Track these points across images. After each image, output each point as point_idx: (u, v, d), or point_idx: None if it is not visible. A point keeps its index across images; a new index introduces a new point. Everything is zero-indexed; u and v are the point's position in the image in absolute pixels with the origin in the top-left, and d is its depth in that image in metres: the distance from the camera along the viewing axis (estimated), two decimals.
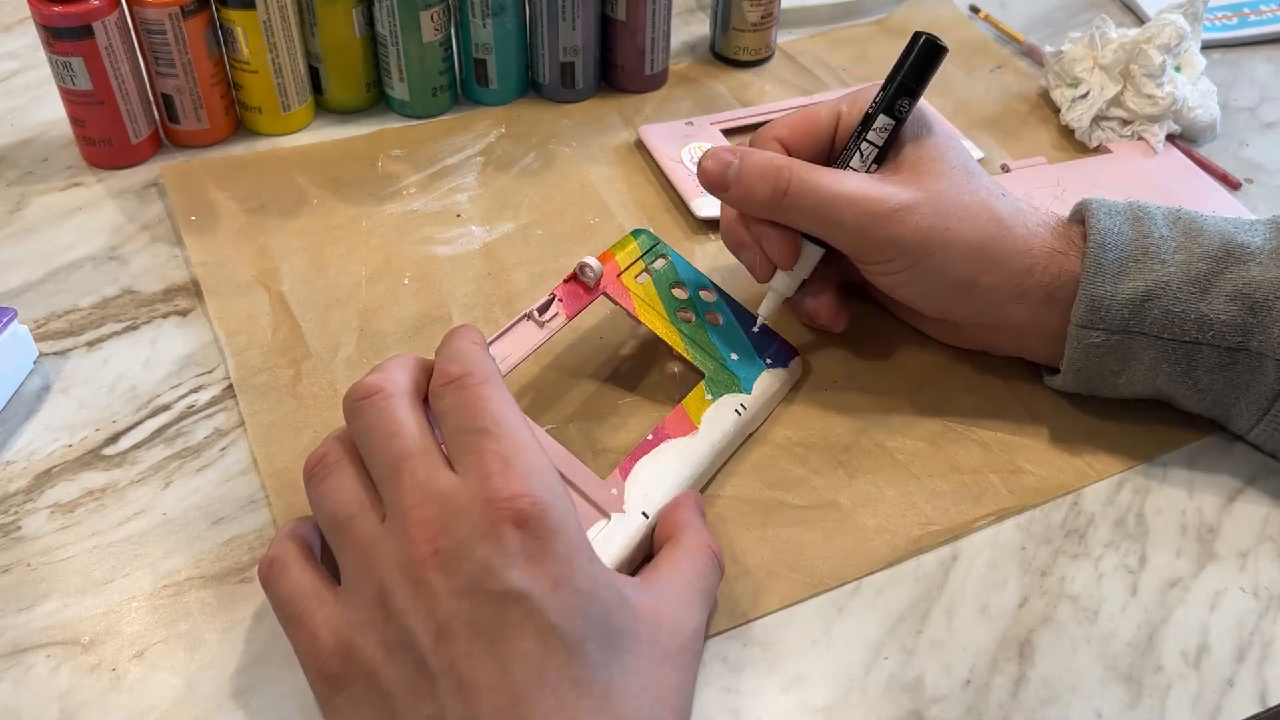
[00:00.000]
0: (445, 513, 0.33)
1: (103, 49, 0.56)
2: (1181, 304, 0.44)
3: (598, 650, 0.32)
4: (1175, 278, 0.44)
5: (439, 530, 0.33)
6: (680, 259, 0.51)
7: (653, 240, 0.51)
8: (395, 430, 0.35)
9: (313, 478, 0.37)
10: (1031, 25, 0.75)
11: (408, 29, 0.61)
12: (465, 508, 0.33)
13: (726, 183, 0.46)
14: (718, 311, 0.50)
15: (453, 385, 0.36)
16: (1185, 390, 0.45)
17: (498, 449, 0.34)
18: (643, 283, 0.49)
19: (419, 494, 0.34)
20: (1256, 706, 0.39)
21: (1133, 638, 0.41)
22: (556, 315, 0.46)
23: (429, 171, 0.61)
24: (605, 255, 0.49)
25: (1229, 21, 0.76)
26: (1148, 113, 0.63)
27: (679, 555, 0.39)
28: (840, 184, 0.44)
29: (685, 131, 0.63)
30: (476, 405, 0.35)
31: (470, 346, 0.38)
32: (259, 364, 0.50)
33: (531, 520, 0.33)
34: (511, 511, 0.33)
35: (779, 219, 0.46)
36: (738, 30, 0.69)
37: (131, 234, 0.57)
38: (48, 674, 0.39)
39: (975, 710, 0.39)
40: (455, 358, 0.37)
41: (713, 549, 0.40)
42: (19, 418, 0.48)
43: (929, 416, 0.49)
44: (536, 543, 0.32)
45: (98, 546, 0.43)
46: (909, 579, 0.43)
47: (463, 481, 0.34)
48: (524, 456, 0.34)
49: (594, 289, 0.48)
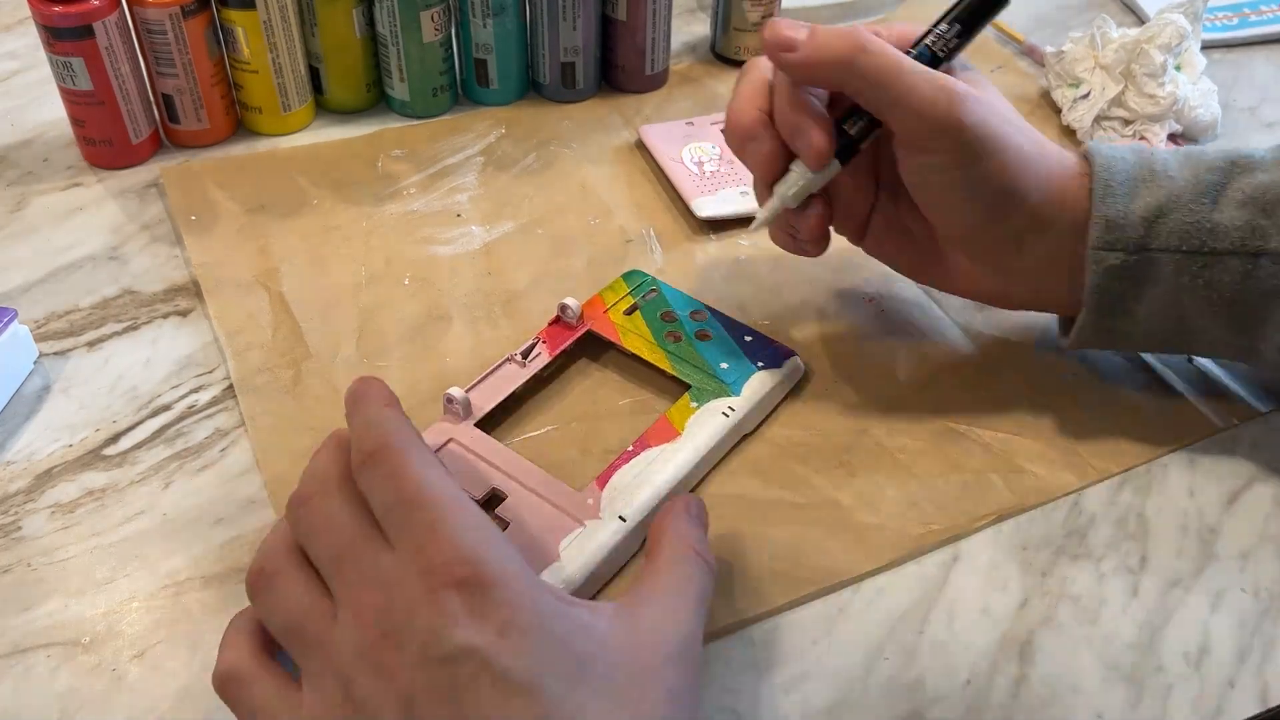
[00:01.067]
0: (388, 593, 0.33)
1: (103, 49, 0.56)
2: (1195, 214, 0.43)
3: (558, 684, 0.32)
4: (1185, 191, 0.44)
5: (384, 611, 0.33)
6: (670, 289, 0.52)
7: (643, 277, 0.52)
8: (330, 525, 0.35)
9: (257, 592, 0.36)
10: (1031, 25, 0.75)
11: (408, 29, 0.61)
12: (403, 583, 0.33)
13: (795, 41, 0.42)
14: (708, 328, 0.50)
15: (370, 461, 0.36)
16: (1209, 311, 0.44)
17: (424, 517, 0.34)
18: (631, 316, 0.50)
19: (362, 581, 0.34)
20: (1257, 707, 0.39)
21: (1134, 638, 0.41)
22: (539, 355, 0.48)
23: (429, 171, 0.61)
24: (595, 298, 0.51)
25: (1229, 21, 0.75)
26: (1149, 112, 0.63)
27: (659, 565, 0.38)
28: (912, 62, 0.43)
29: (686, 131, 0.63)
30: (398, 477, 0.35)
31: (379, 412, 0.38)
32: (259, 364, 0.50)
33: (468, 579, 0.32)
34: (447, 577, 0.32)
35: (841, 84, 0.43)
36: (738, 30, 0.69)
37: (132, 234, 0.57)
38: (48, 674, 0.39)
39: (976, 710, 0.39)
40: (367, 429, 0.37)
41: (696, 550, 0.38)
42: (19, 418, 0.48)
43: (930, 416, 0.49)
44: (476, 597, 0.32)
45: (98, 547, 0.43)
46: (910, 579, 0.43)
47: (397, 558, 0.34)
48: (451, 519, 0.34)
49: (576, 326, 0.49)
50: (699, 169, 0.61)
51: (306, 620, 0.34)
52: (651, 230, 0.58)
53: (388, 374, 0.50)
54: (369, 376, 0.40)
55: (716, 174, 0.60)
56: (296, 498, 0.37)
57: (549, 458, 0.46)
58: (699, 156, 0.61)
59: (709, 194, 0.59)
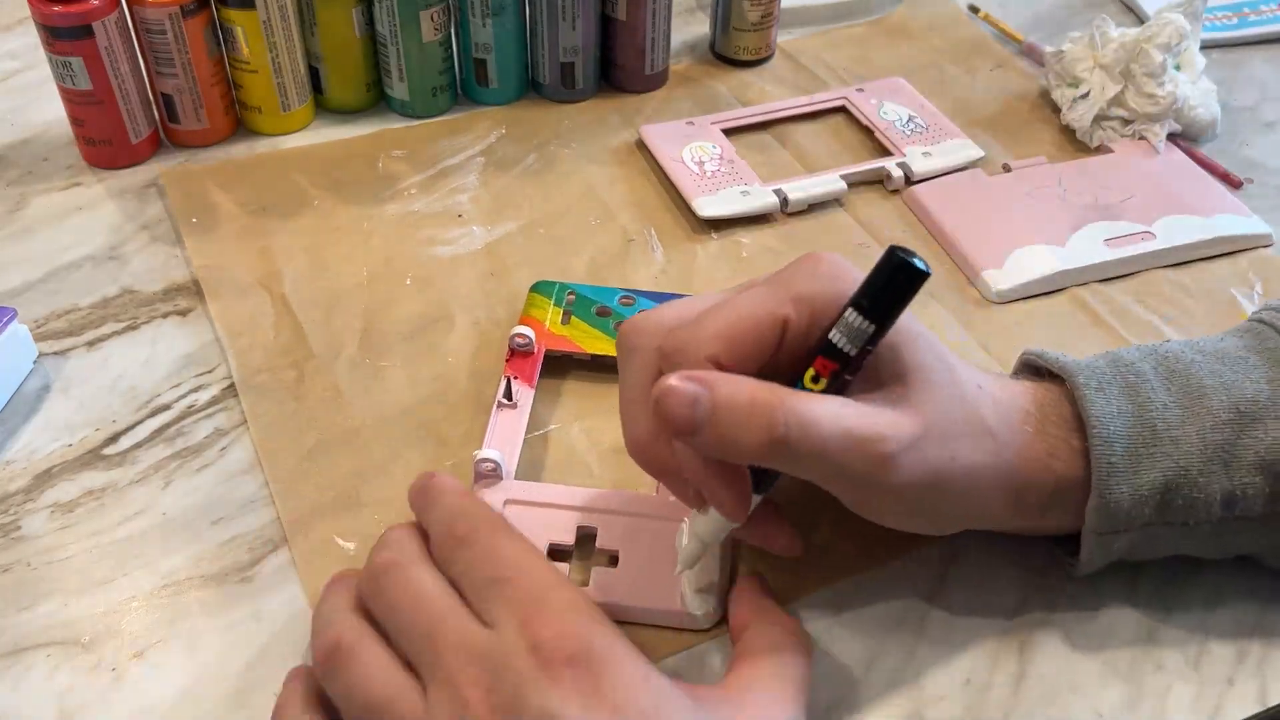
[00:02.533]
0: (492, 667, 0.32)
1: (103, 49, 0.56)
2: (1205, 487, 0.39)
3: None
4: (1193, 459, 0.39)
5: (490, 686, 0.32)
6: (585, 286, 0.52)
7: (552, 285, 0.53)
8: (421, 594, 0.34)
9: (333, 667, 0.34)
10: (1031, 25, 0.75)
11: (408, 29, 0.61)
12: (509, 657, 0.32)
13: (695, 424, 0.34)
14: (645, 308, 0.50)
15: (462, 544, 0.35)
16: (1215, 554, 0.42)
17: (526, 594, 0.33)
18: (570, 324, 0.50)
19: (462, 655, 0.32)
20: (1256, 706, 0.39)
21: (1133, 637, 0.41)
22: (521, 390, 0.47)
23: (430, 172, 0.61)
24: (526, 319, 0.51)
25: (1229, 21, 0.75)
26: (1149, 112, 0.63)
27: (755, 648, 0.37)
28: (837, 419, 0.34)
29: (686, 131, 0.63)
30: (493, 557, 0.34)
31: (462, 501, 0.37)
32: (261, 365, 0.50)
33: (579, 655, 0.32)
34: (558, 652, 0.32)
35: (762, 465, 0.37)
36: (738, 30, 0.69)
37: (131, 234, 0.57)
38: (48, 674, 0.39)
39: (975, 710, 0.39)
40: (455, 516, 0.36)
41: (788, 628, 0.38)
42: (19, 417, 0.48)
43: None
44: (589, 676, 0.32)
45: (98, 546, 0.43)
46: (910, 578, 0.43)
47: (499, 634, 0.33)
48: (554, 595, 0.33)
49: (535, 352, 0.49)
50: (700, 168, 0.61)
51: (397, 699, 0.33)
52: (652, 230, 0.58)
53: (390, 374, 0.50)
54: (435, 472, 0.38)
55: (717, 173, 0.60)
56: (376, 566, 0.35)
57: (552, 459, 0.46)
58: (700, 156, 0.61)
59: (710, 193, 0.59)
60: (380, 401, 0.48)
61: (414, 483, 0.38)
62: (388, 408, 0.48)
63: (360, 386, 0.49)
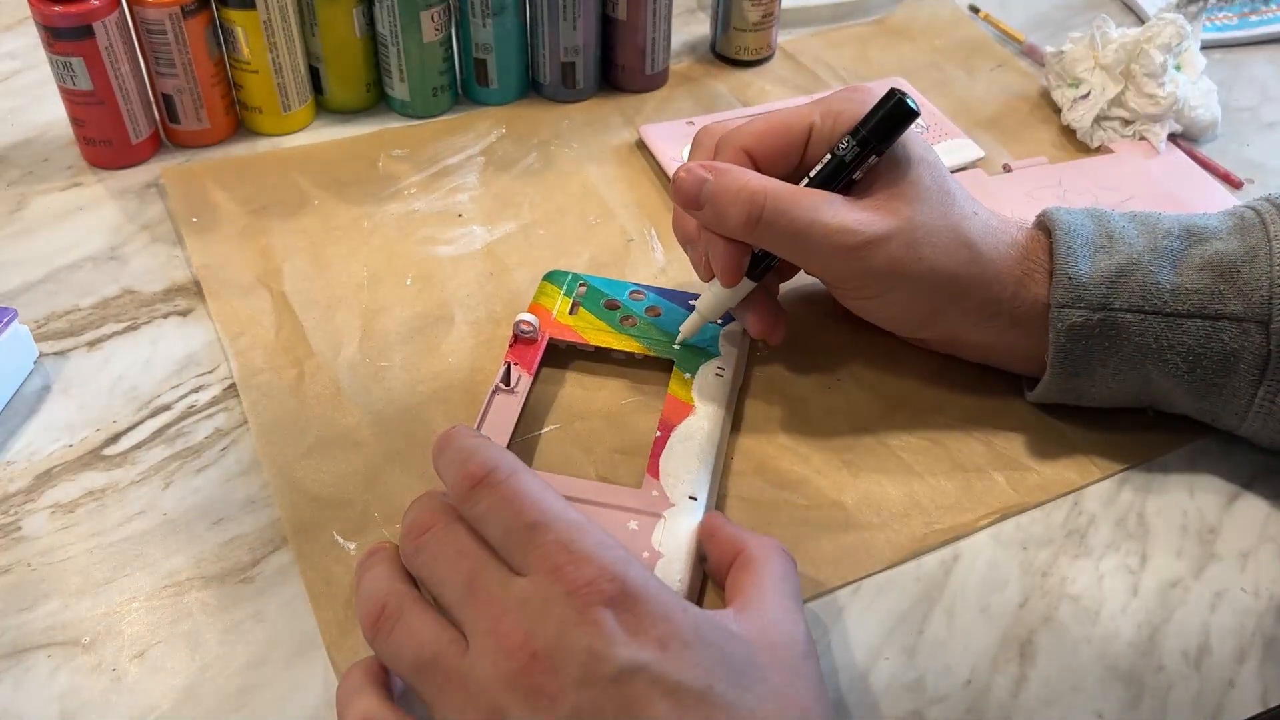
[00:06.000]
0: (530, 616, 0.33)
1: (103, 49, 0.56)
2: (1155, 276, 0.44)
3: (729, 690, 0.32)
4: (1144, 255, 0.44)
5: (530, 634, 0.32)
6: (596, 278, 0.53)
7: (565, 275, 0.53)
8: (457, 554, 0.35)
9: (380, 631, 0.35)
10: (1031, 25, 0.75)
11: (408, 29, 0.61)
12: (548, 604, 0.33)
13: (700, 201, 0.44)
14: (654, 305, 0.51)
15: (481, 487, 0.35)
16: (1172, 375, 0.44)
17: (556, 538, 0.34)
18: (575, 314, 0.51)
19: (497, 606, 0.33)
20: (1257, 707, 0.39)
21: (1134, 638, 0.41)
22: (521, 377, 0.47)
23: (430, 171, 0.61)
24: (534, 307, 0.51)
25: (1229, 21, 0.76)
26: (1149, 112, 0.63)
27: (754, 569, 0.38)
28: (814, 212, 0.43)
29: (686, 131, 0.63)
30: (515, 500, 0.35)
31: (477, 442, 0.37)
32: (262, 365, 0.50)
33: (616, 595, 0.33)
34: (595, 595, 0.32)
35: (749, 241, 0.45)
36: (738, 30, 0.69)
37: (131, 234, 0.57)
38: (48, 674, 0.39)
39: (976, 710, 0.39)
40: (468, 456, 0.36)
41: (775, 545, 0.39)
42: (19, 418, 0.48)
43: (932, 414, 0.49)
44: (629, 614, 0.32)
45: (98, 547, 0.43)
46: (910, 579, 0.43)
47: (534, 581, 0.33)
48: (583, 537, 0.34)
49: (538, 340, 0.49)
50: None
51: (441, 654, 0.34)
52: (652, 230, 0.58)
53: (390, 374, 0.50)
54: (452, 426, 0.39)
55: None
56: (412, 530, 0.36)
57: (552, 458, 0.46)
58: None
59: None
60: (380, 401, 0.48)
61: (435, 438, 0.39)
62: (388, 407, 0.48)
63: (360, 386, 0.49)
